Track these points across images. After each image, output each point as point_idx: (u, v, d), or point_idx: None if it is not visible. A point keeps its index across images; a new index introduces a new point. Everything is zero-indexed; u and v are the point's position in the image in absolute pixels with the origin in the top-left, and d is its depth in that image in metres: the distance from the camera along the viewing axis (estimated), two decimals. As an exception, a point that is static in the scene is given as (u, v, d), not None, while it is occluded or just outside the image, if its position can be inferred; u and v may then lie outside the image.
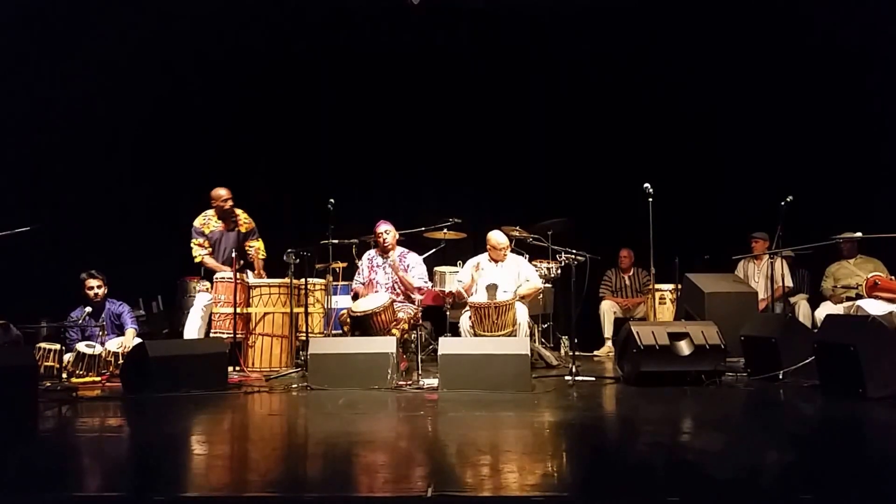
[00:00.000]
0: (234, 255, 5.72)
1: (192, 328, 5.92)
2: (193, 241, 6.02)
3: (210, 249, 6.01)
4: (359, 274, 5.90)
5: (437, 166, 7.96)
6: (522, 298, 5.62)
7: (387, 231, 5.78)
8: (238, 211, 6.14)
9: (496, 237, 5.83)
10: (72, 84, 7.00)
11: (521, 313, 5.40)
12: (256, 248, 6.19)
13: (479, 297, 5.41)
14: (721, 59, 7.41)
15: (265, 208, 6.48)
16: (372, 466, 2.69)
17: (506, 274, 5.71)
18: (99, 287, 5.75)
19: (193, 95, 7.52)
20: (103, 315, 5.79)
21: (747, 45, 7.33)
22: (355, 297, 5.72)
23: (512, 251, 6.17)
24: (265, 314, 5.90)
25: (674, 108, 7.69)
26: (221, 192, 6.06)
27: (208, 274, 6.03)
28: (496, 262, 5.80)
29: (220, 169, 7.49)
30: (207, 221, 6.09)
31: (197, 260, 6.01)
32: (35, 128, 6.94)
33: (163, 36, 7.14)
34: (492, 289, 5.39)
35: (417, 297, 5.73)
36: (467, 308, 5.50)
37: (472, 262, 5.93)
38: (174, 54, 7.31)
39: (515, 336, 5.22)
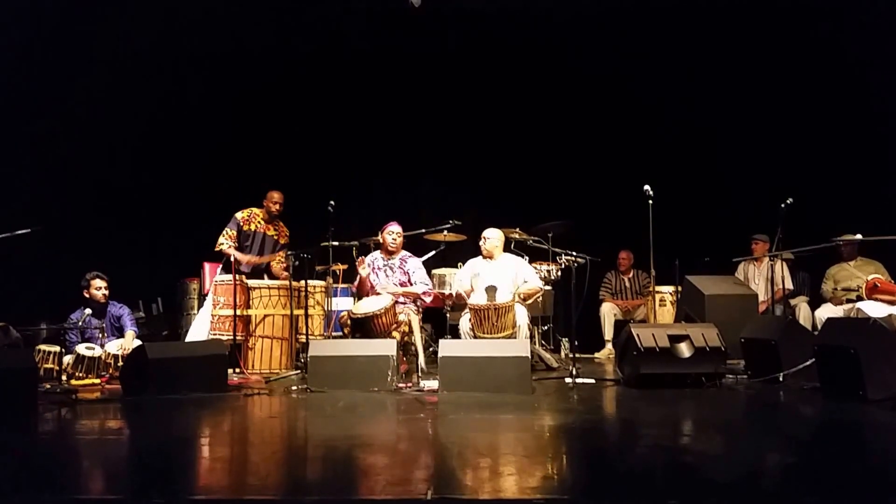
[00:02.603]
0: (232, 260, 5.73)
1: (200, 331, 5.90)
2: (226, 230, 6.04)
3: (236, 245, 6.03)
4: (363, 268, 5.88)
5: (437, 168, 7.97)
6: (524, 300, 5.62)
7: (398, 234, 5.82)
8: (281, 223, 6.27)
9: (486, 231, 5.87)
10: (73, 85, 7.01)
11: (521, 315, 5.39)
12: (284, 258, 6.23)
13: (479, 298, 5.41)
14: (721, 60, 7.42)
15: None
16: (372, 469, 2.68)
17: (501, 272, 5.71)
18: (106, 288, 5.79)
19: (194, 97, 7.53)
20: (106, 316, 5.81)
21: (747, 46, 7.34)
22: (358, 291, 5.74)
23: (512, 253, 6.18)
24: (265, 316, 5.90)
25: (674, 110, 7.71)
26: (277, 195, 6.18)
27: (227, 266, 5.98)
28: (489, 258, 5.81)
29: (220, 171, 7.51)
30: (252, 219, 6.13)
31: (218, 248, 6.00)
32: (36, 129, 6.94)
33: (164, 38, 7.16)
34: (491, 290, 5.39)
35: (426, 299, 5.75)
36: (467, 310, 5.50)
37: (469, 265, 5.93)
38: (175, 56, 7.33)
39: (515, 338, 5.22)
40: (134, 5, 6.99)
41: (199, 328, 5.93)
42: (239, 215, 6.11)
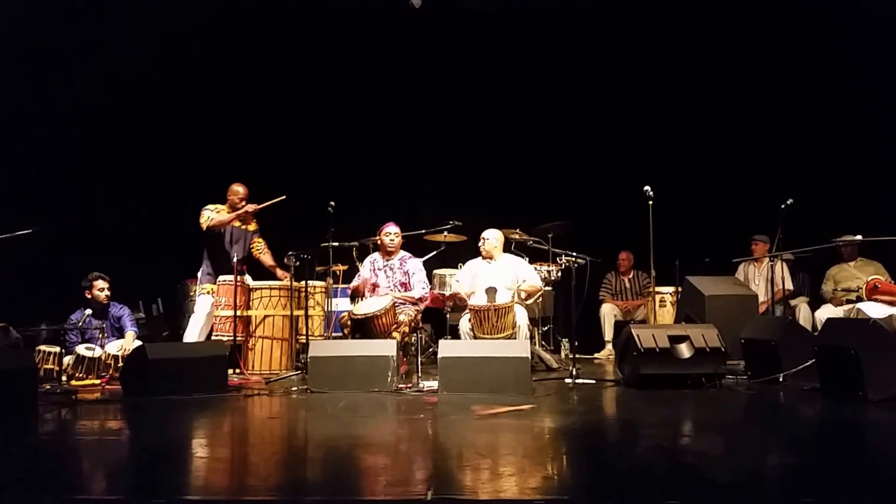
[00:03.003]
0: (235, 259, 5.68)
1: (193, 333, 5.88)
2: (208, 207, 5.95)
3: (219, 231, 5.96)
4: (358, 277, 5.89)
5: (437, 168, 7.98)
6: (526, 298, 5.62)
7: (396, 234, 5.79)
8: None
9: (485, 232, 5.87)
10: (74, 87, 7.01)
11: (521, 316, 5.39)
12: (264, 245, 6.19)
13: (479, 299, 5.41)
14: (722, 61, 7.43)
15: (266, 211, 6.47)
16: (372, 470, 2.69)
17: (500, 273, 5.70)
18: (108, 288, 5.81)
19: (195, 98, 7.53)
20: (110, 314, 5.82)
21: (748, 47, 7.35)
22: (353, 294, 5.72)
23: (512, 253, 6.18)
24: (265, 317, 5.90)
25: (674, 111, 7.71)
26: (241, 189, 6.07)
27: (215, 266, 5.92)
28: (488, 259, 5.80)
29: (221, 172, 7.49)
30: (220, 211, 6.04)
31: (209, 223, 5.88)
32: (36, 131, 6.95)
33: (165, 39, 7.17)
34: (491, 291, 5.39)
35: (419, 306, 5.74)
36: (467, 311, 5.50)
37: (468, 266, 5.92)
38: (176, 57, 7.34)
39: (515, 339, 5.22)
40: (135, 6, 7.00)
41: (194, 328, 5.90)
42: (211, 206, 6.02)
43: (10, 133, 6.71)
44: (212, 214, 5.95)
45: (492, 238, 5.84)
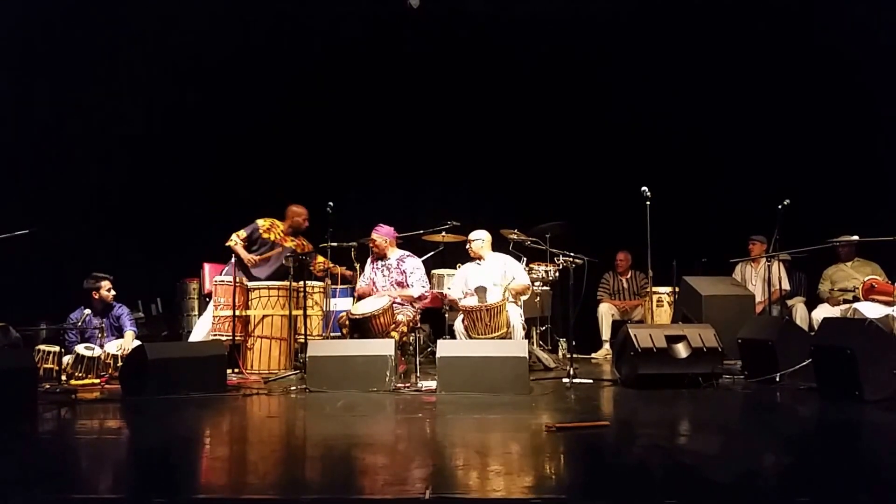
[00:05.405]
0: (234, 259, 5.70)
1: (199, 335, 5.89)
2: (243, 230, 6.01)
3: (245, 245, 6.01)
4: (362, 277, 5.91)
5: (436, 169, 7.98)
6: (515, 296, 5.62)
7: (371, 240, 5.79)
8: (302, 237, 6.27)
9: (471, 234, 5.90)
10: (74, 87, 7.01)
11: (514, 315, 5.39)
12: (324, 261, 6.18)
13: (470, 300, 5.41)
14: (719, 62, 7.43)
15: (265, 212, 6.49)
16: (370, 469, 2.70)
17: (489, 273, 5.70)
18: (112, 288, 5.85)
19: (194, 98, 7.53)
20: (111, 314, 5.84)
21: (745, 47, 7.36)
22: (359, 297, 5.75)
23: (509, 254, 6.19)
24: (264, 317, 5.91)
25: (672, 112, 7.72)
26: (303, 210, 6.16)
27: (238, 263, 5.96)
28: (478, 260, 5.81)
29: (220, 172, 7.52)
30: (273, 228, 6.11)
31: (230, 244, 5.94)
32: (36, 131, 6.95)
33: (165, 40, 7.17)
34: (481, 291, 5.38)
35: (417, 305, 5.74)
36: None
37: (460, 271, 5.92)
38: (176, 58, 7.34)
39: (510, 338, 5.22)
40: (134, 8, 7.00)
41: (201, 329, 5.92)
42: (261, 222, 6.12)
43: (9, 133, 6.71)
44: (234, 241, 5.96)
45: (477, 239, 5.83)
